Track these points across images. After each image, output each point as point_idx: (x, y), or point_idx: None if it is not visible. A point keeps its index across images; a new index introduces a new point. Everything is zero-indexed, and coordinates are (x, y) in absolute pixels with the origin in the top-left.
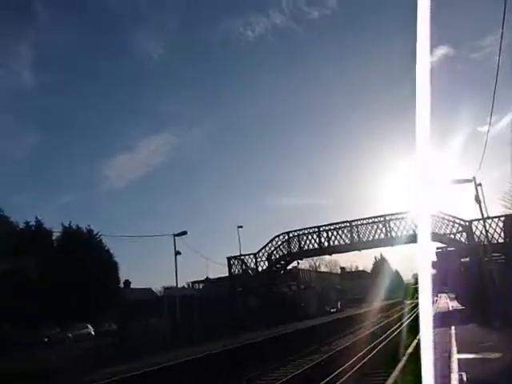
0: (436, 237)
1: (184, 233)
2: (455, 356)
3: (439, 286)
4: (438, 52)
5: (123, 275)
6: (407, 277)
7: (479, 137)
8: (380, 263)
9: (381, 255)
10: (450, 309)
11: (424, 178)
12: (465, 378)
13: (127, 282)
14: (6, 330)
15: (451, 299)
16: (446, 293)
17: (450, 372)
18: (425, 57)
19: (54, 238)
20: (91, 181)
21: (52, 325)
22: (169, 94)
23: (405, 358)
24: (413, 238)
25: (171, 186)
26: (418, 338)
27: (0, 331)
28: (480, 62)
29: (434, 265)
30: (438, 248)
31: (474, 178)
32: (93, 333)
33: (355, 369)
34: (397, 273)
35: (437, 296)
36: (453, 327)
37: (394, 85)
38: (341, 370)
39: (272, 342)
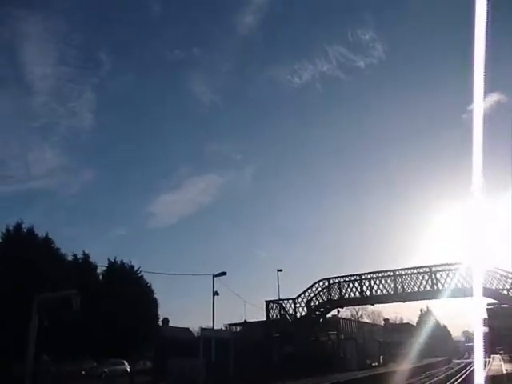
0: (488, 292)
1: (223, 273)
2: None
3: (492, 347)
4: (491, 99)
5: (162, 313)
6: (456, 333)
7: None
8: (426, 316)
9: (427, 308)
10: (504, 372)
11: (479, 230)
12: None
13: (166, 320)
14: (44, 362)
15: (505, 361)
16: (500, 354)
17: None
18: (479, 102)
19: (99, 271)
20: (138, 218)
21: (90, 359)
22: (217, 135)
23: None
24: (461, 292)
25: (216, 226)
26: None
27: (38, 362)
28: None
29: (485, 323)
30: (489, 304)
31: None
32: (128, 369)
33: None
34: (445, 328)
35: (489, 357)
36: None
37: (442, 132)
38: None
39: None
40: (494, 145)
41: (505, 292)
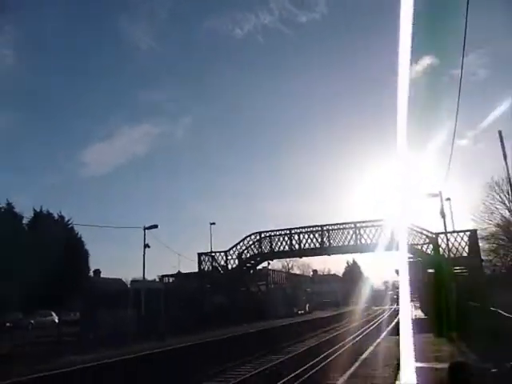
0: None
1: (155, 226)
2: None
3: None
4: (424, 62)
5: (95, 265)
6: (377, 283)
7: (457, 150)
8: (352, 268)
9: (353, 260)
10: (413, 317)
11: (403, 188)
12: None
13: (97, 271)
14: None
15: (416, 308)
16: (413, 301)
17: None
18: (406, 65)
19: (24, 222)
20: (69, 166)
21: (16, 311)
22: (153, 84)
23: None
24: (383, 247)
25: (150, 177)
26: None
27: None
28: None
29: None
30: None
31: (440, 192)
32: (56, 320)
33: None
34: (367, 278)
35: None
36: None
37: (374, 91)
38: None
39: (232, 341)
40: (423, 104)
41: (419, 247)
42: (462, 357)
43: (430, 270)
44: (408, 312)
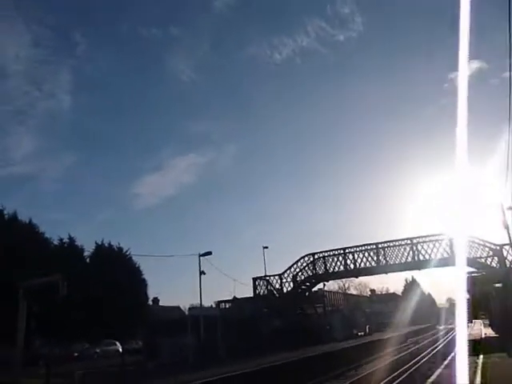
0: (467, 261)
1: (209, 253)
2: None
3: (474, 312)
4: (472, 66)
5: (152, 293)
6: (440, 300)
7: None
8: (411, 286)
9: (412, 278)
10: (483, 336)
11: (462, 200)
12: None
13: (156, 300)
14: (37, 346)
15: (485, 326)
16: (482, 318)
17: None
18: (464, 72)
19: (86, 254)
20: (122, 199)
21: (82, 341)
22: (198, 115)
23: None
24: (442, 262)
25: (200, 206)
26: (444, 365)
27: (31, 347)
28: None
29: (467, 290)
30: (468, 272)
31: (501, 202)
32: (120, 350)
33: None
34: (429, 296)
35: (471, 322)
36: (481, 356)
37: (420, 107)
38: None
39: (295, 365)
40: (476, 112)
41: (482, 260)
42: None
43: (497, 285)
44: (464, 333)
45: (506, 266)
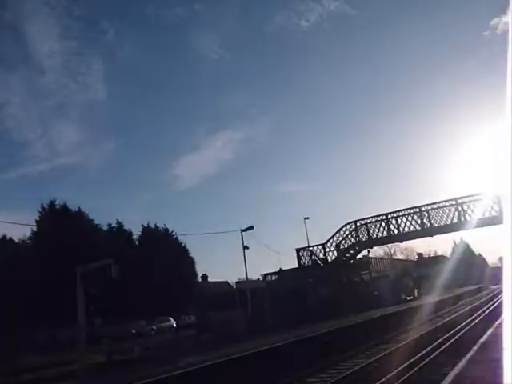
0: None
1: (251, 228)
2: None
3: None
4: None
5: (201, 270)
6: (493, 260)
7: None
8: (460, 247)
9: (461, 239)
10: None
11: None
12: None
13: (205, 276)
14: (97, 326)
15: None
16: None
17: None
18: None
19: (134, 238)
20: (164, 181)
21: (139, 319)
22: (228, 92)
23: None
24: (490, 221)
25: (239, 181)
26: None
27: (92, 328)
28: None
29: None
30: None
31: None
32: (175, 325)
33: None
34: (480, 256)
35: None
36: None
37: (464, 51)
38: None
39: (347, 330)
40: None
41: None
42: None
43: None
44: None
45: None
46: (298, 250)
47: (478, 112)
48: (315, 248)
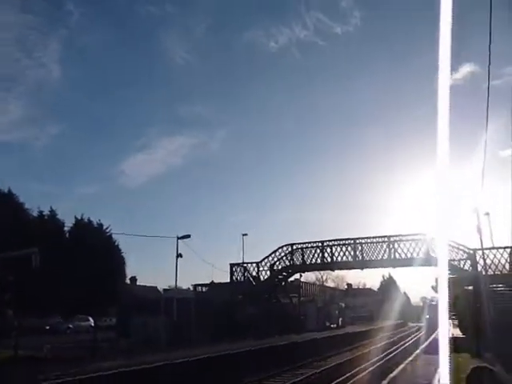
0: None
1: (187, 236)
2: None
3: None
4: (464, 69)
5: (132, 272)
6: (415, 299)
7: (502, 161)
8: (388, 283)
9: (389, 275)
10: (450, 335)
11: (442, 202)
12: None
13: (134, 279)
14: (8, 317)
15: (455, 326)
16: (452, 319)
17: None
18: (446, 74)
19: (66, 228)
20: (109, 176)
21: (55, 315)
22: (190, 97)
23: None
24: (418, 261)
25: (186, 188)
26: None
27: (4, 318)
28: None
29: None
30: None
31: (475, 207)
32: (93, 325)
33: None
34: (404, 294)
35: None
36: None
37: (414, 104)
38: None
39: (267, 352)
40: (465, 114)
41: (456, 263)
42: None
43: (468, 288)
44: (446, 331)
45: (477, 270)
46: (231, 265)
47: (415, 160)
48: (249, 265)
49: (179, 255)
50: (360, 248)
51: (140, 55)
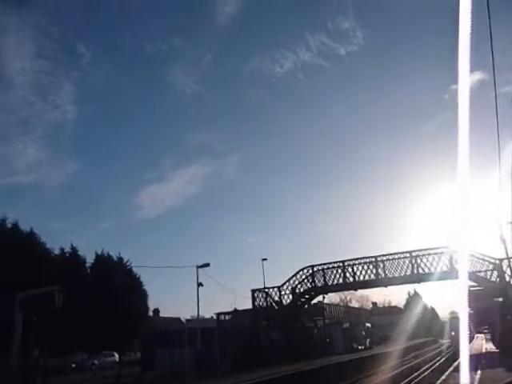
0: (468, 275)
1: (207, 265)
2: None
3: (476, 326)
4: (473, 78)
5: (154, 303)
6: (443, 314)
7: None
8: (413, 299)
9: (414, 291)
10: (483, 351)
11: (465, 215)
12: None
13: (156, 311)
14: (35, 357)
15: (487, 340)
16: (484, 333)
17: None
18: (465, 80)
19: (87, 265)
20: (125, 210)
21: (80, 352)
22: (200, 127)
23: None
24: (443, 275)
25: (201, 216)
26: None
27: (29, 358)
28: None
29: (469, 304)
30: (470, 287)
31: (497, 216)
32: (118, 360)
33: None
34: (432, 309)
35: (473, 337)
36: (479, 371)
37: (424, 113)
38: None
39: (294, 378)
40: (478, 124)
41: (482, 274)
42: None
43: (498, 299)
44: (466, 347)
45: (505, 281)
46: (253, 291)
47: (435, 173)
48: (271, 290)
49: (200, 284)
50: (382, 265)
51: (150, 89)
